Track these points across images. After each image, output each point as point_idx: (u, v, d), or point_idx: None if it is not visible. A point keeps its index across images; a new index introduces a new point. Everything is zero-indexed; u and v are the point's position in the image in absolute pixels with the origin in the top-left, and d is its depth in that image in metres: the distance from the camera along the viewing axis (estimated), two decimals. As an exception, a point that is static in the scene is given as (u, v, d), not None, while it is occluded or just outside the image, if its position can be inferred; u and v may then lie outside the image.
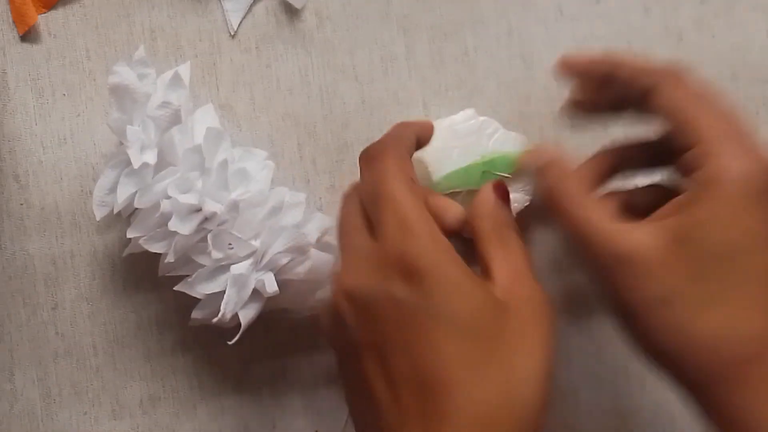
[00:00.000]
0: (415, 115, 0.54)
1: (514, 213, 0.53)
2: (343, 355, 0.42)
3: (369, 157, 0.43)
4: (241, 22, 0.52)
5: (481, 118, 0.53)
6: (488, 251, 0.43)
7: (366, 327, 0.40)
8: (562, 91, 0.56)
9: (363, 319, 0.40)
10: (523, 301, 0.41)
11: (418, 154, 0.53)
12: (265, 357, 0.53)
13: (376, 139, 0.54)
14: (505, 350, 0.39)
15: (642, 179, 0.48)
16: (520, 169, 0.52)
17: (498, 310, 0.40)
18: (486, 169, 0.52)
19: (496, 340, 0.39)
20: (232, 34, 0.52)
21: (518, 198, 0.53)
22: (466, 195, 0.52)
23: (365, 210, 0.43)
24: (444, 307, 0.38)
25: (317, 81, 0.53)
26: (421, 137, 0.48)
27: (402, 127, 0.48)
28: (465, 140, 0.52)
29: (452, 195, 0.52)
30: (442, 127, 0.53)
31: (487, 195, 0.45)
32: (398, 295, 0.39)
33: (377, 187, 0.42)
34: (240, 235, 0.46)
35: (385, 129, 0.54)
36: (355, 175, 0.54)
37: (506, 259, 0.43)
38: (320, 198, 0.53)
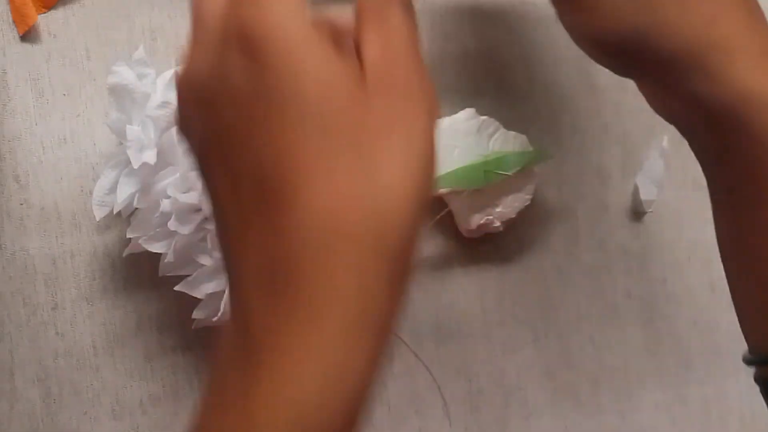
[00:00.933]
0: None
1: (514, 213, 0.53)
2: (192, 153, 0.35)
3: None
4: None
5: (481, 118, 0.53)
6: (361, 27, 0.34)
7: (206, 118, 0.33)
8: (563, 91, 0.56)
9: (202, 109, 0.33)
10: (395, 87, 0.33)
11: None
12: (265, 357, 0.53)
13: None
14: (366, 144, 0.32)
15: None
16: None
17: (358, 94, 0.32)
18: (487, 168, 0.52)
19: (353, 131, 0.32)
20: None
21: (519, 198, 0.53)
22: (468, 195, 0.52)
23: None
24: (286, 86, 0.31)
25: (317, 81, 0.53)
26: None
27: None
28: (465, 140, 0.52)
29: (454, 194, 0.53)
30: (442, 127, 0.53)
31: None
32: (235, 74, 0.31)
33: None
34: (240, 235, 0.46)
35: (385, 129, 0.54)
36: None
37: (382, 36, 0.34)
38: (320, 198, 0.53)
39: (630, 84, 0.57)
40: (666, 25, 0.39)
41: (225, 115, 0.32)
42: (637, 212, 0.57)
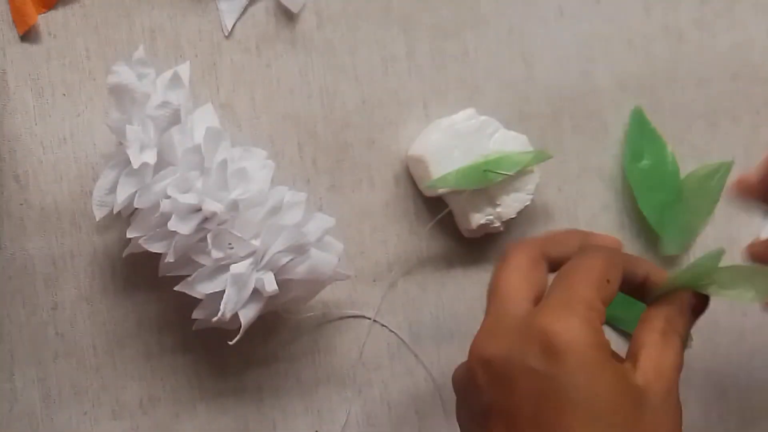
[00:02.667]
0: (415, 115, 0.54)
1: (514, 213, 0.53)
2: (469, 421, 0.42)
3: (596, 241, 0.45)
4: (236, 23, 0.52)
5: (482, 118, 0.53)
6: (646, 336, 0.41)
7: (499, 394, 0.39)
8: (563, 91, 0.56)
9: (497, 386, 0.39)
10: (661, 395, 0.39)
11: (418, 153, 0.53)
12: (266, 357, 0.53)
13: (376, 139, 0.54)
14: None
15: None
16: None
17: (637, 400, 0.38)
18: (487, 168, 0.52)
19: (630, 429, 0.38)
20: (226, 35, 0.52)
21: (519, 197, 0.53)
22: (468, 194, 0.52)
23: (537, 277, 0.42)
24: (582, 388, 0.37)
25: (317, 81, 0.53)
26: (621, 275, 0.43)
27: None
28: (465, 140, 0.52)
29: (454, 194, 0.53)
30: (442, 127, 0.53)
31: (686, 295, 0.43)
32: (536, 367, 0.38)
33: (579, 261, 0.42)
34: (240, 235, 0.46)
35: (386, 129, 0.54)
36: (353, 175, 0.54)
37: (659, 353, 0.41)
38: (320, 198, 0.53)
39: (630, 84, 0.57)
40: None
41: (521, 396, 0.38)
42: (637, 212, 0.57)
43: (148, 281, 0.51)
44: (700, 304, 0.43)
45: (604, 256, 0.42)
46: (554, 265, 0.43)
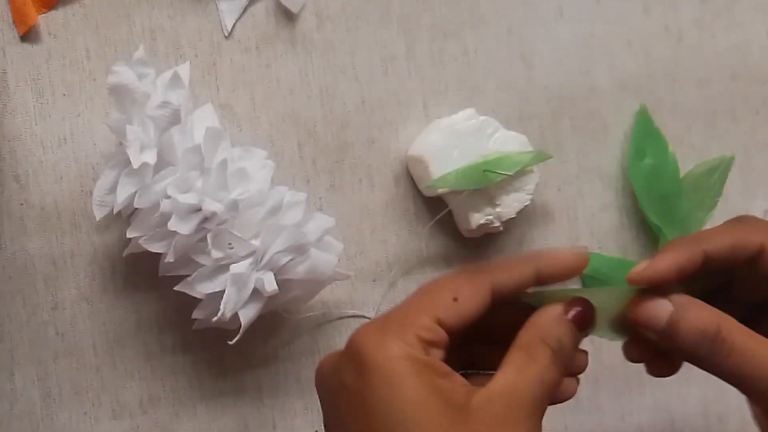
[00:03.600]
0: (415, 114, 0.54)
1: (514, 213, 0.53)
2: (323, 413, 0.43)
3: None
4: (235, 23, 0.52)
5: (481, 118, 0.53)
6: (506, 358, 0.39)
7: (327, 400, 0.41)
8: (563, 92, 0.56)
9: (325, 393, 0.41)
10: (493, 418, 0.37)
11: (418, 153, 0.53)
12: (266, 357, 0.53)
13: (376, 139, 0.54)
14: None
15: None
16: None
17: (455, 419, 0.37)
18: (486, 168, 0.52)
19: None
20: (226, 35, 0.52)
21: (519, 197, 0.53)
22: (468, 195, 0.52)
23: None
24: (386, 402, 0.37)
25: (317, 81, 0.53)
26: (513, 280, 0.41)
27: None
28: (465, 140, 0.52)
29: (453, 194, 0.53)
30: (442, 127, 0.53)
31: (554, 307, 0.40)
32: (346, 382, 0.38)
33: (428, 283, 0.41)
34: (240, 235, 0.46)
35: (385, 129, 0.54)
36: (353, 175, 0.54)
37: (515, 376, 0.38)
38: (320, 198, 0.53)
39: (630, 84, 0.57)
40: None
41: (338, 402, 0.39)
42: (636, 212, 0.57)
43: (148, 281, 0.51)
44: (581, 312, 0.40)
45: (455, 275, 0.40)
46: (505, 297, 0.41)
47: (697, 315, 0.39)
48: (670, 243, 0.42)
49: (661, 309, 0.40)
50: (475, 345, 0.43)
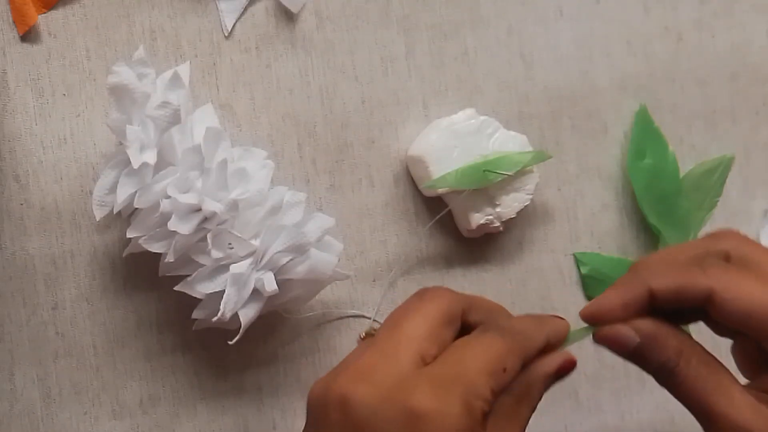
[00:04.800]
0: (415, 114, 0.54)
1: (514, 213, 0.53)
2: None
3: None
4: (235, 23, 0.52)
5: (481, 118, 0.53)
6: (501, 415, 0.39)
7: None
8: (563, 92, 0.56)
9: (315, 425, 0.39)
10: None
11: (418, 154, 0.53)
12: (266, 357, 0.53)
13: (376, 139, 0.54)
14: None
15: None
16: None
17: None
18: (486, 168, 0.52)
19: None
20: (226, 35, 0.52)
21: (518, 197, 0.53)
22: (468, 195, 0.52)
23: (444, 335, 0.40)
24: None
25: (317, 81, 0.53)
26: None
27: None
28: (465, 140, 0.52)
29: (453, 194, 0.53)
30: (442, 127, 0.53)
31: (549, 362, 0.41)
32: (334, 423, 0.37)
33: (480, 338, 0.40)
34: (240, 235, 0.46)
35: (385, 129, 0.54)
36: (353, 175, 0.54)
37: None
38: (320, 198, 0.53)
39: (629, 84, 0.57)
40: None
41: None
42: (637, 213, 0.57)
43: (148, 281, 0.51)
44: (562, 363, 0.41)
45: (507, 339, 0.39)
46: (467, 330, 0.41)
47: (662, 347, 0.40)
48: (619, 279, 0.41)
49: (629, 338, 0.40)
50: None
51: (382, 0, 0.54)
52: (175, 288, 0.47)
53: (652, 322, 0.40)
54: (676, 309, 0.40)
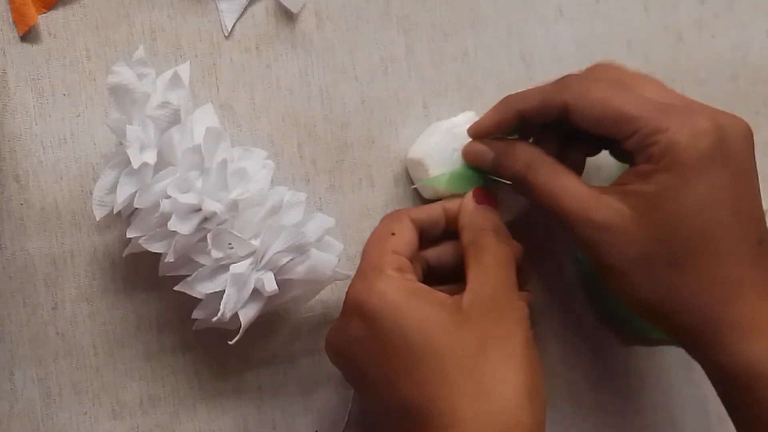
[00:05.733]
0: (415, 115, 0.54)
1: (514, 215, 0.53)
2: (344, 375, 0.49)
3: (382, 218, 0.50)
4: (235, 23, 0.52)
5: (481, 119, 0.53)
6: (466, 263, 0.46)
7: (343, 362, 0.46)
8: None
9: (340, 358, 0.46)
10: (487, 313, 0.43)
11: (418, 156, 0.53)
12: (266, 357, 0.53)
13: (376, 139, 0.54)
14: (471, 368, 0.42)
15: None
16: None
17: (454, 330, 0.42)
18: (486, 173, 0.52)
19: (457, 360, 0.42)
20: (226, 35, 0.52)
21: (519, 200, 0.53)
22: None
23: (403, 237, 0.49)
24: (395, 339, 0.42)
25: (317, 81, 0.53)
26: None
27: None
28: (464, 142, 0.52)
29: (453, 197, 0.52)
30: (442, 130, 0.53)
31: (466, 203, 0.48)
32: (357, 332, 0.44)
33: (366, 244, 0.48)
34: (240, 235, 0.46)
35: (385, 129, 0.54)
36: (353, 175, 0.54)
37: (479, 269, 0.45)
38: (320, 198, 0.53)
39: (630, 84, 0.57)
40: (682, 301, 0.43)
41: (356, 357, 0.44)
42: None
43: (148, 281, 0.51)
44: (477, 195, 0.48)
45: (384, 218, 0.49)
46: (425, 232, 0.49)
47: (513, 159, 0.48)
48: (493, 106, 0.50)
49: (485, 153, 0.50)
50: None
51: (382, 0, 0.54)
52: (175, 288, 0.47)
53: (505, 141, 0.50)
54: (546, 123, 0.48)
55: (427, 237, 0.49)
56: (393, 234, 0.47)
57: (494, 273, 0.45)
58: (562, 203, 0.46)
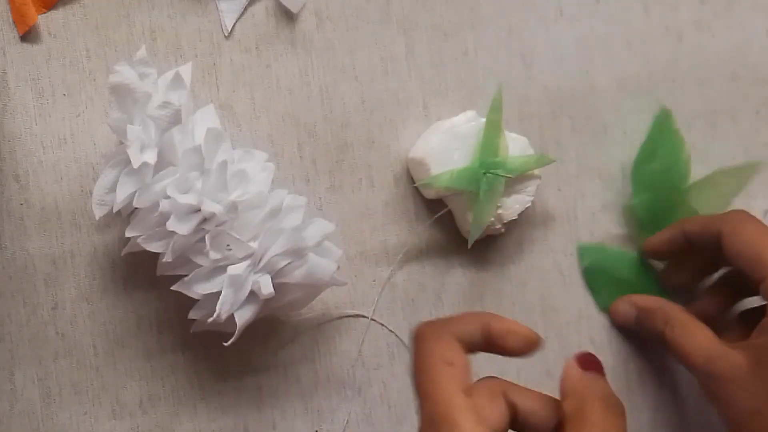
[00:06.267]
0: (415, 115, 0.54)
1: (515, 215, 0.53)
2: None
3: (418, 336, 0.42)
4: (235, 23, 0.52)
5: (482, 120, 0.53)
6: (564, 416, 0.41)
7: None
8: (563, 92, 0.56)
9: None
10: None
11: (419, 156, 0.53)
12: (266, 357, 0.53)
13: (376, 139, 0.54)
14: None
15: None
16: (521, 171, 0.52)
17: None
18: (485, 170, 0.51)
19: None
20: (226, 35, 0.52)
21: (520, 199, 0.53)
22: (468, 196, 0.52)
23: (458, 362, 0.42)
24: None
25: (317, 81, 0.53)
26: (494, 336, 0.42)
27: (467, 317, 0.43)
28: (466, 142, 0.52)
29: (454, 197, 0.53)
30: (443, 129, 0.53)
31: (571, 369, 0.43)
32: None
33: (417, 376, 0.41)
34: (238, 237, 0.46)
35: (385, 129, 0.54)
36: (353, 175, 0.54)
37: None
38: (320, 198, 0.53)
39: (629, 84, 0.57)
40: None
41: None
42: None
43: (148, 281, 0.51)
44: (582, 361, 0.43)
45: (426, 338, 0.41)
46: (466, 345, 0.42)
47: (652, 318, 0.52)
48: (665, 228, 0.55)
49: (628, 313, 0.55)
50: None
51: (382, 0, 0.54)
52: (172, 288, 0.47)
53: (644, 297, 0.55)
54: (706, 246, 0.52)
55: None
56: (451, 364, 0.40)
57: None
58: (690, 358, 0.49)
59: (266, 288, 0.46)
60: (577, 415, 0.41)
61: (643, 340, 0.56)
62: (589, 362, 0.43)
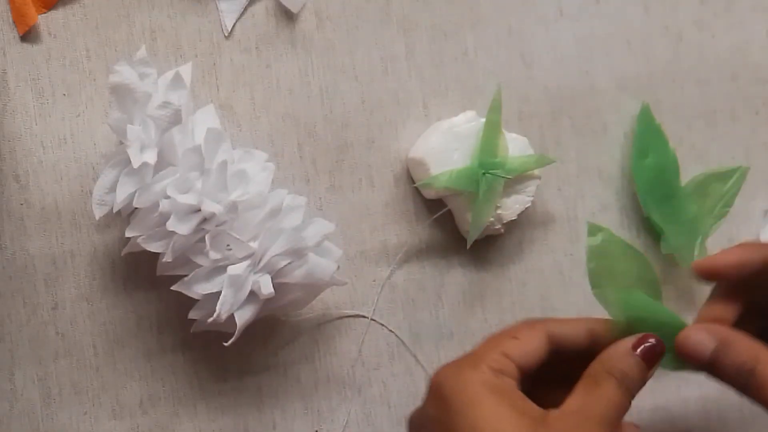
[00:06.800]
0: (415, 115, 0.54)
1: (515, 215, 0.53)
2: None
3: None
4: (235, 23, 0.52)
5: (482, 120, 0.53)
6: (577, 386, 0.43)
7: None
8: (563, 92, 0.56)
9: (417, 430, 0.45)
10: (567, 427, 0.40)
11: (419, 156, 0.53)
12: (266, 357, 0.53)
13: (376, 139, 0.54)
14: None
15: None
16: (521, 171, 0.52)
17: (529, 423, 0.41)
18: (485, 170, 0.52)
19: None
20: (226, 35, 0.52)
21: (519, 199, 0.53)
22: (468, 196, 0.52)
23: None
24: (465, 428, 0.41)
25: (317, 81, 0.53)
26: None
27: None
28: (466, 142, 0.52)
29: (453, 197, 0.53)
30: (443, 129, 0.53)
31: (622, 342, 0.43)
32: (432, 414, 0.42)
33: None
34: (238, 237, 0.46)
35: (385, 129, 0.54)
36: (353, 175, 0.54)
37: (583, 400, 0.42)
38: (320, 198, 0.53)
39: (629, 84, 0.57)
40: None
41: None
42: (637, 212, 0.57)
43: (148, 281, 0.51)
44: (650, 347, 0.43)
45: (520, 321, 0.46)
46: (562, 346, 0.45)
47: (737, 351, 0.43)
48: (736, 245, 0.46)
49: (704, 344, 0.43)
50: (543, 389, 0.45)
51: (382, 0, 0.54)
52: (172, 288, 0.47)
53: (725, 328, 0.44)
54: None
55: (565, 353, 0.45)
56: (515, 338, 0.44)
57: (599, 409, 0.42)
58: None
59: (266, 288, 0.46)
60: (596, 378, 0.42)
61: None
62: (647, 351, 0.43)
